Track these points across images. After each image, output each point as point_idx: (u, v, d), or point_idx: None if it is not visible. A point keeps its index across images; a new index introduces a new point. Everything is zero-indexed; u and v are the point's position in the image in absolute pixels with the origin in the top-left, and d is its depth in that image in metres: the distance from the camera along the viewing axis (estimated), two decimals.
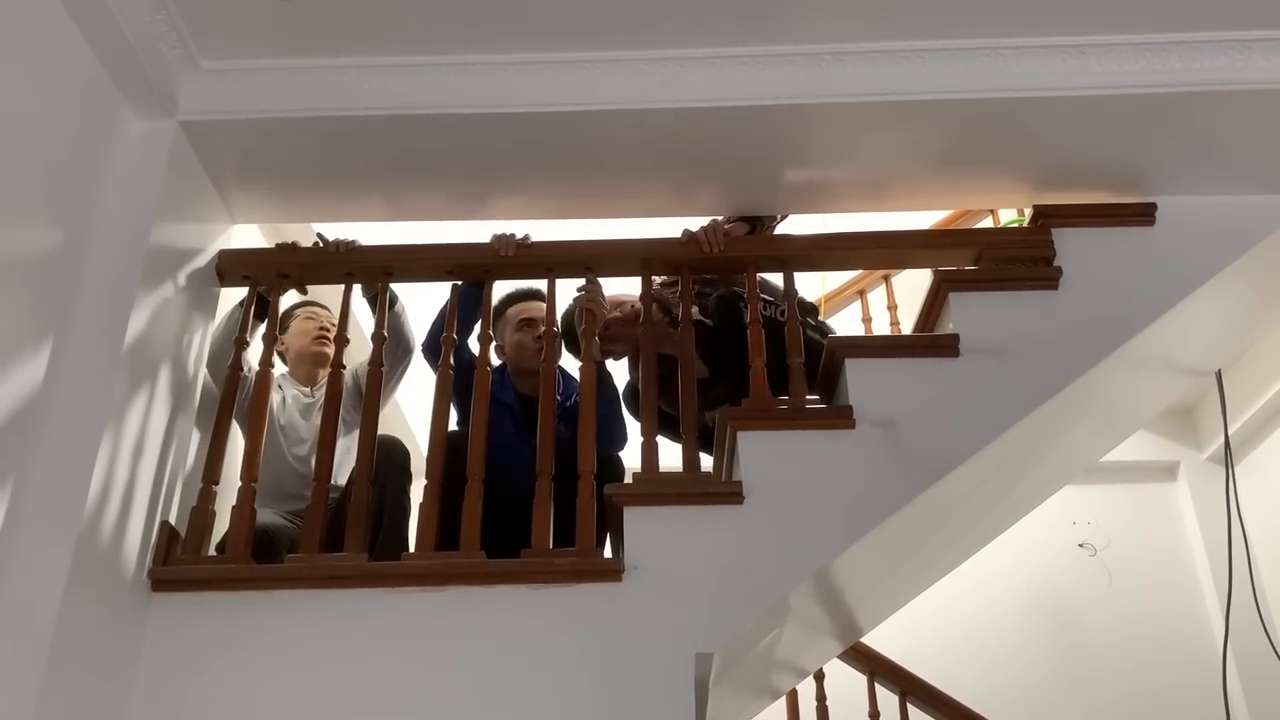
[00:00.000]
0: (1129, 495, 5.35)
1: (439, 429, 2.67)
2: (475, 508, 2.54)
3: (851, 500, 2.51)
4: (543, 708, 2.34)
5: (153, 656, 2.39)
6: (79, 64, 2.41)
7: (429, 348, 3.06)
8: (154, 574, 2.46)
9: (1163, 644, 4.99)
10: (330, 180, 2.90)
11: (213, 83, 2.66)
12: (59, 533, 2.17)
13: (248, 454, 2.66)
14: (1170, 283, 2.74)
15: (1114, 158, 2.81)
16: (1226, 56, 2.59)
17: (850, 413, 2.61)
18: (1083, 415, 2.93)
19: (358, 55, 2.64)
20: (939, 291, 2.84)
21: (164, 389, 2.56)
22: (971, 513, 3.00)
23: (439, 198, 2.98)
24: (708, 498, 2.54)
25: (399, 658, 2.39)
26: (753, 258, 2.89)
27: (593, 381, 2.73)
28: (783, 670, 3.27)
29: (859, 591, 2.88)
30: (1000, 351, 2.68)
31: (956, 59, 2.63)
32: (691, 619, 2.39)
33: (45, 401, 2.24)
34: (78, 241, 2.40)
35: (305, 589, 2.46)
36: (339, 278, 2.91)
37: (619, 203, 3.01)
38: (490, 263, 2.89)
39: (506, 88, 2.65)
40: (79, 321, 2.37)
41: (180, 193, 2.68)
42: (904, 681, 3.98)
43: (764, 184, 2.94)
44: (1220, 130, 2.71)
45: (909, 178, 2.93)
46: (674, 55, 2.63)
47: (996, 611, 5.09)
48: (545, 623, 2.41)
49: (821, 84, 2.64)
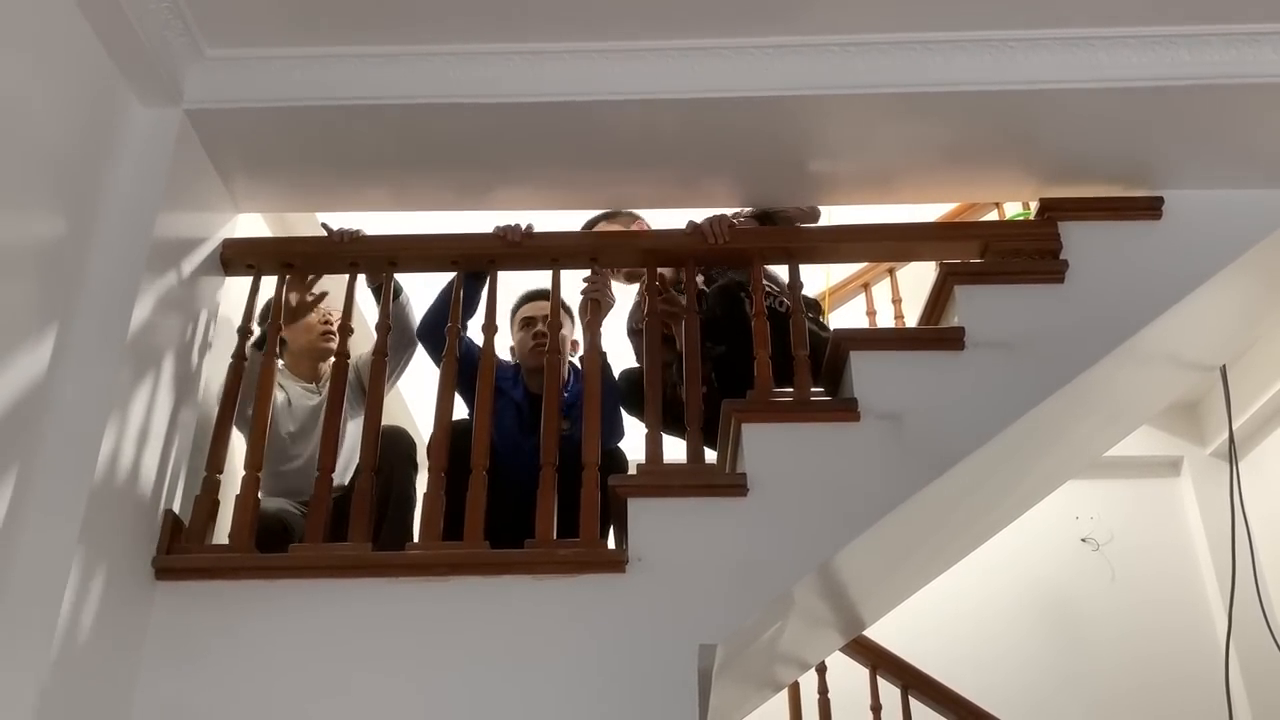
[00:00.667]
0: (1132, 490, 5.34)
1: (443, 419, 2.67)
2: (479, 498, 2.54)
3: (856, 493, 2.51)
4: (546, 698, 2.34)
5: (156, 644, 2.39)
6: (85, 52, 2.40)
7: (425, 334, 3.05)
8: (158, 562, 2.46)
9: (1165, 639, 4.98)
10: (335, 169, 2.89)
11: (218, 71, 2.65)
12: (63, 521, 2.18)
13: (251, 443, 2.66)
14: (1177, 277, 2.73)
15: (1121, 151, 2.80)
16: (1235, 50, 2.58)
17: (855, 405, 2.60)
18: (1088, 410, 2.93)
19: (364, 44, 2.63)
20: (944, 284, 2.84)
21: (168, 377, 2.56)
22: (976, 507, 3.00)
23: (444, 187, 2.97)
24: (712, 490, 2.54)
25: (402, 647, 2.39)
26: (758, 250, 2.88)
27: (598, 372, 2.73)
28: (785, 663, 3.27)
29: (862, 585, 2.88)
30: (1006, 345, 2.67)
31: (965, 51, 2.62)
32: (695, 611, 2.39)
33: (49, 389, 2.24)
34: (82, 230, 2.40)
35: (309, 578, 2.46)
36: (343, 268, 2.90)
37: (627, 193, 3.01)
38: (495, 253, 2.88)
39: (515, 77, 2.65)
40: (83, 309, 2.36)
41: (185, 181, 2.68)
42: (906, 675, 3.98)
43: (771, 175, 2.93)
44: (1228, 124, 2.70)
45: (916, 169, 2.92)
46: (683, 46, 2.62)
47: (999, 606, 5.09)
48: (549, 613, 2.41)
49: (829, 75, 2.63)
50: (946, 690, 3.97)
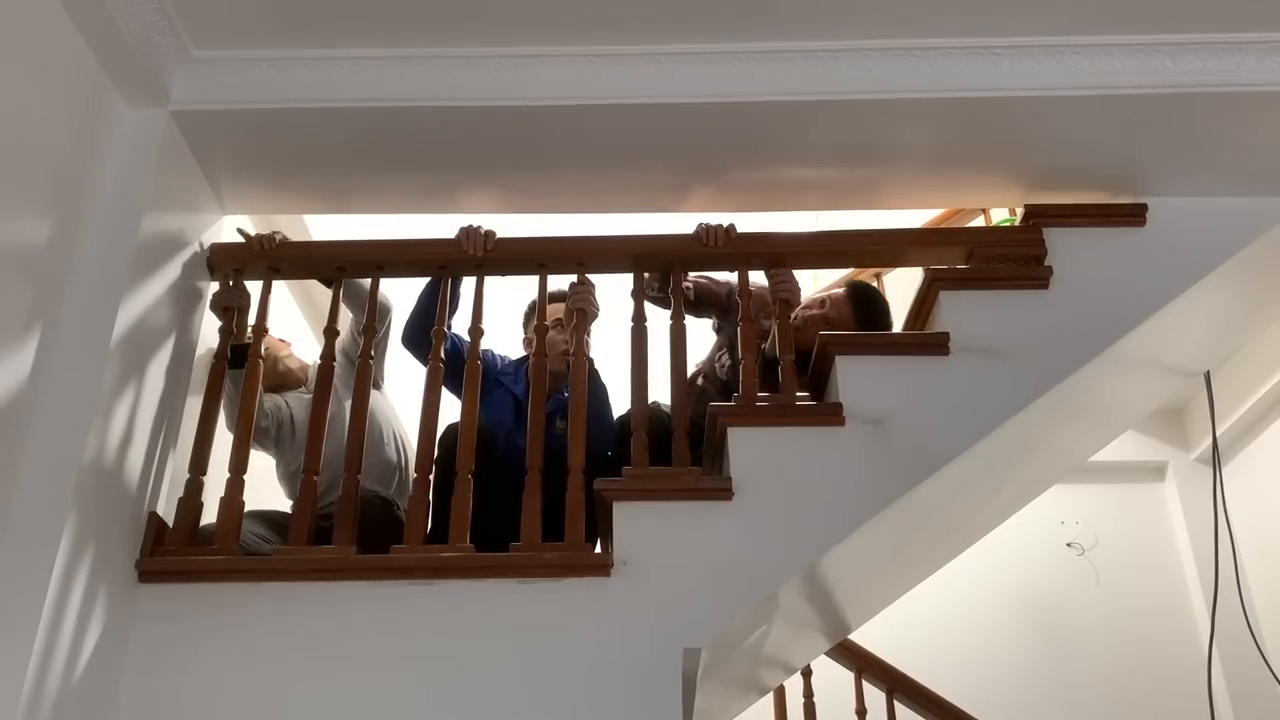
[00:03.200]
0: (1117, 495, 5.36)
1: (429, 422, 2.67)
2: (465, 501, 2.54)
3: (841, 497, 2.52)
4: (531, 702, 2.34)
5: (140, 647, 2.38)
6: (71, 53, 2.40)
7: (409, 339, 3.05)
8: (141, 565, 2.45)
9: (1149, 643, 5.01)
10: (321, 171, 2.89)
11: (205, 72, 2.65)
12: (46, 522, 2.17)
13: (236, 444, 2.65)
14: (1161, 283, 2.75)
15: (1106, 158, 2.82)
16: (1218, 58, 2.60)
17: (840, 410, 2.61)
18: (1072, 415, 2.94)
19: (350, 46, 2.63)
20: (930, 290, 2.85)
21: (153, 378, 2.56)
22: (960, 511, 3.01)
23: (429, 190, 2.97)
24: (698, 493, 2.54)
25: (387, 651, 2.39)
26: (745, 255, 2.88)
27: (584, 378, 2.73)
28: (770, 666, 3.27)
29: (847, 588, 2.89)
30: (991, 350, 2.68)
31: (950, 58, 2.63)
32: (680, 614, 2.39)
33: (34, 389, 2.24)
34: (68, 231, 2.39)
35: (293, 581, 2.46)
36: (330, 271, 2.90)
37: (612, 197, 3.00)
38: (481, 258, 2.88)
39: (504, 81, 2.65)
40: (69, 310, 2.36)
41: (171, 182, 2.68)
42: (891, 679, 3.99)
43: (755, 180, 2.94)
44: (1211, 132, 2.72)
45: (901, 176, 2.94)
46: (669, 50, 2.63)
47: (984, 610, 5.10)
48: (534, 617, 2.41)
49: (815, 81, 2.64)
50: (931, 694, 3.99)
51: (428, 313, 2.91)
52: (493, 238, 2.87)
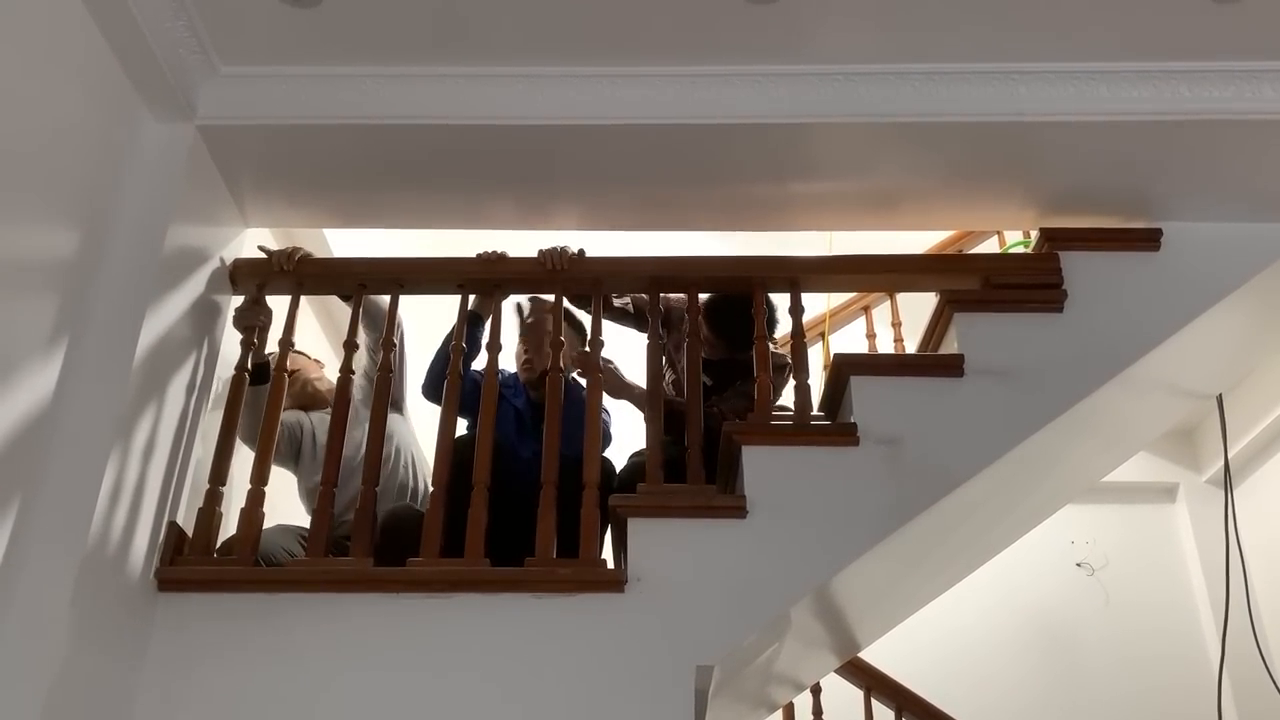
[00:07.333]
0: (1128, 516, 5.36)
1: (445, 438, 2.69)
2: (480, 515, 2.56)
3: (854, 517, 2.53)
4: (544, 716, 2.36)
5: (158, 656, 2.41)
6: (100, 67, 2.43)
7: (429, 389, 3.06)
8: (160, 574, 2.48)
9: (1158, 665, 4.99)
10: (344, 187, 2.92)
11: (231, 88, 2.68)
12: (69, 532, 2.20)
13: (258, 457, 2.68)
14: (1175, 308, 2.77)
15: (1121, 183, 2.84)
16: (1235, 86, 2.62)
17: (854, 430, 2.63)
18: (1085, 437, 2.95)
19: (375, 64, 2.67)
20: (944, 311, 2.86)
21: (176, 391, 2.58)
22: (972, 531, 3.02)
23: (452, 206, 3.00)
24: (711, 511, 2.56)
25: (402, 663, 2.40)
26: (760, 278, 2.90)
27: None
28: (780, 683, 3.28)
29: (858, 607, 2.90)
30: (1005, 372, 2.70)
31: (968, 82, 2.66)
32: (693, 631, 2.41)
33: (59, 402, 2.26)
34: (94, 244, 2.42)
35: (310, 592, 2.48)
36: (352, 287, 2.93)
37: (630, 215, 3.03)
38: (500, 277, 2.90)
39: (525, 99, 2.68)
40: (93, 321, 2.39)
41: (196, 196, 2.71)
42: (900, 697, 3.99)
43: (774, 200, 2.97)
44: (1227, 158, 2.73)
45: (918, 197, 2.96)
46: (689, 72, 2.66)
47: (993, 629, 5.10)
48: (548, 631, 2.43)
49: (834, 104, 2.67)
50: (940, 713, 3.98)
51: (443, 371, 2.88)
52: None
